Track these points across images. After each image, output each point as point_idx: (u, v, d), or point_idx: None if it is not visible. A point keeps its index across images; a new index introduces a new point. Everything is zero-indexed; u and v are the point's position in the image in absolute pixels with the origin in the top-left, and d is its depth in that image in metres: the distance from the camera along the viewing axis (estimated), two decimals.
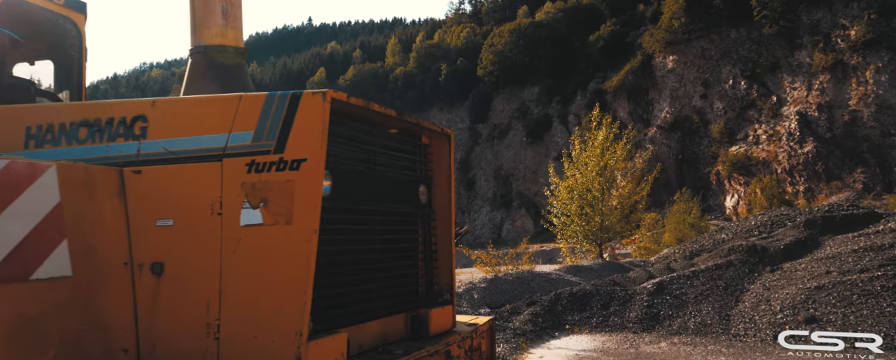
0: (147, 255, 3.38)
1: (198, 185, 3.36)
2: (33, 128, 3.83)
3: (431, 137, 4.69)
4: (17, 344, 2.87)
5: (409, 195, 4.40)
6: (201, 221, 3.31)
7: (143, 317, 3.33)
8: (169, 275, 3.34)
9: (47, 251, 3.05)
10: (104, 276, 3.28)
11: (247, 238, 3.22)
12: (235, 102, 3.41)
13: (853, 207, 21.45)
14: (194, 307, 3.25)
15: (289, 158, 3.20)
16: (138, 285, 3.35)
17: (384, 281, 4.06)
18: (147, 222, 3.42)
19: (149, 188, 3.46)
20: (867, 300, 11.53)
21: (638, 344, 11.96)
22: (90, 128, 3.70)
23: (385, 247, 4.10)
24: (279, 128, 3.25)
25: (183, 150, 3.43)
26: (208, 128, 3.42)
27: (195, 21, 4.44)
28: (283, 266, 3.15)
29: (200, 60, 4.39)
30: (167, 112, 3.60)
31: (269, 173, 3.22)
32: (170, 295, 3.33)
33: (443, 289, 4.67)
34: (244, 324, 3.16)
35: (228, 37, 4.40)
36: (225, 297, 3.21)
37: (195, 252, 3.31)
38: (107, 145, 3.63)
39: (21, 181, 3.01)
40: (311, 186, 3.17)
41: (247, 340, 3.14)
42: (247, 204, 3.23)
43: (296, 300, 3.07)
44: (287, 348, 3.04)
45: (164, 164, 3.46)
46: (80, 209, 3.24)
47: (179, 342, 3.26)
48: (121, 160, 3.55)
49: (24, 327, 2.90)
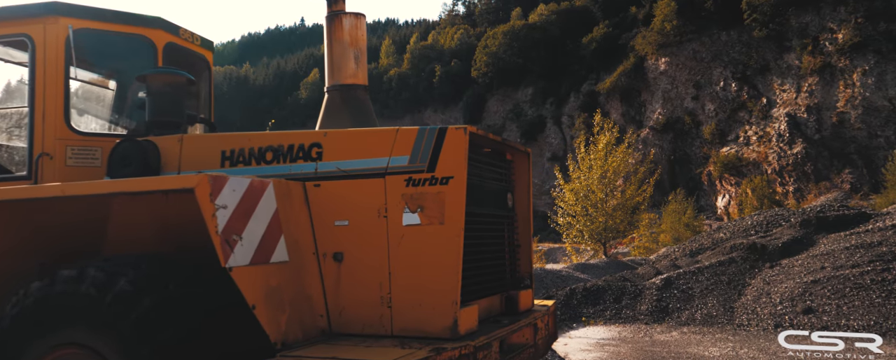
0: (329, 247, 4.55)
1: (367, 195, 4.51)
2: (227, 151, 4.98)
3: (514, 154, 5.85)
4: (271, 303, 4.04)
5: (500, 201, 5.55)
6: (371, 222, 4.47)
7: (330, 291, 4.49)
8: (347, 261, 4.50)
9: (274, 243, 4.21)
10: (303, 262, 4.44)
11: (408, 235, 4.37)
12: (393, 133, 4.56)
13: (842, 207, 22.74)
14: (370, 285, 4.41)
15: (439, 176, 4.36)
16: (324, 269, 4.52)
17: (488, 268, 5.22)
18: (327, 222, 4.57)
19: (327, 197, 4.61)
20: (858, 293, 12.75)
21: (651, 334, 13.14)
22: (275, 152, 4.85)
23: (488, 241, 5.25)
24: (430, 153, 4.40)
25: (353, 169, 4.59)
26: (372, 153, 4.57)
27: (332, 64, 5.66)
28: (438, 255, 4.29)
29: (337, 96, 5.59)
30: (338, 140, 4.74)
31: (424, 187, 4.38)
32: (349, 276, 4.48)
33: (524, 276, 5.86)
34: (410, 297, 4.32)
35: (359, 77, 5.62)
36: (393, 277, 4.36)
37: (367, 245, 4.46)
38: (289, 165, 4.78)
39: (257, 194, 4.16)
40: (458, 196, 4.33)
41: (413, 308, 4.30)
42: (407, 209, 4.39)
43: (451, 280, 4.23)
44: (446, 313, 4.21)
45: (339, 179, 4.61)
46: (285, 213, 4.39)
47: (360, 309, 4.42)
48: (301, 176, 4.69)
49: (271, 293, 4.07)
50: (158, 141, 5.17)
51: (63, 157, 5.42)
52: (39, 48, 5.52)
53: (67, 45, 5.51)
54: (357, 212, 4.53)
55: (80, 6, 5.69)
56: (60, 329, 4.04)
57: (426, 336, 4.21)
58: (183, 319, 3.89)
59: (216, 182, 3.87)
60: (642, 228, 31.75)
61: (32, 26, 5.57)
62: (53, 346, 4.07)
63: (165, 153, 5.11)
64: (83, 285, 3.96)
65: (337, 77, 5.67)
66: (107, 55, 6.26)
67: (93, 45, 5.84)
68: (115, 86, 6.89)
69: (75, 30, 5.56)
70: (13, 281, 4.68)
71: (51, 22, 5.54)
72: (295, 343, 4.11)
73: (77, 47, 5.55)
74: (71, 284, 4.01)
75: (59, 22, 5.54)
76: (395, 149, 4.51)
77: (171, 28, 6.20)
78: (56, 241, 4.91)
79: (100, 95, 6.74)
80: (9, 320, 4.16)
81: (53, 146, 5.39)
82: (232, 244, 3.86)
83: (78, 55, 5.57)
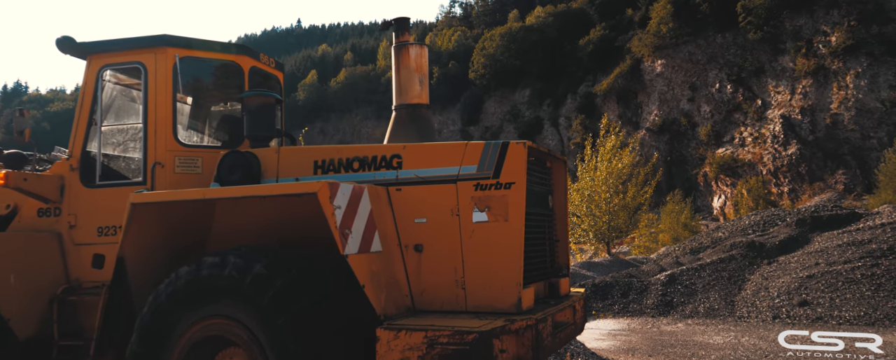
0: (411, 240, 5.52)
1: (441, 197, 5.48)
2: (319, 161, 5.96)
3: (553, 162, 6.83)
4: (375, 283, 5.02)
5: (542, 202, 6.52)
6: (446, 219, 5.44)
7: (412, 276, 5.46)
8: (427, 252, 5.47)
9: (372, 236, 5.19)
10: (390, 252, 5.42)
11: (478, 230, 5.34)
12: (463, 147, 5.53)
13: (836, 207, 23.75)
14: (446, 270, 5.38)
15: (503, 182, 5.33)
16: (407, 258, 5.50)
17: (536, 258, 6.18)
18: (408, 220, 5.55)
19: (407, 199, 5.58)
20: (850, 287, 13.76)
21: (658, 325, 14.13)
22: (361, 162, 5.82)
23: (534, 236, 6.22)
24: (495, 163, 5.37)
25: (429, 176, 5.55)
26: (445, 162, 5.54)
27: (400, 86, 6.69)
28: (504, 246, 5.26)
29: (404, 113, 6.62)
30: (415, 152, 5.71)
31: (490, 191, 5.35)
32: (429, 264, 5.46)
33: (561, 266, 6.84)
34: (480, 279, 5.29)
35: (423, 97, 6.63)
36: (466, 264, 5.33)
37: (443, 238, 5.43)
38: (373, 173, 5.75)
39: (358, 197, 5.13)
40: (519, 198, 5.30)
41: (484, 289, 5.27)
42: (476, 209, 5.36)
43: (515, 265, 5.21)
44: (512, 293, 5.18)
45: (417, 185, 5.58)
46: (376, 212, 5.36)
47: (439, 290, 5.40)
48: (384, 182, 5.66)
49: (374, 276, 5.06)
50: (259, 152, 6.16)
51: (172, 166, 6.40)
52: (151, 74, 6.52)
53: (175, 71, 6.50)
54: (434, 211, 5.49)
55: (184, 38, 6.70)
56: (207, 304, 5.08)
57: (495, 312, 5.17)
58: (309, 294, 4.88)
59: (332, 187, 4.86)
60: (642, 227, 32.65)
61: (145, 55, 6.58)
62: (202, 318, 5.10)
63: (265, 163, 6.10)
64: (226, 269, 4.96)
65: (404, 97, 6.76)
66: (205, 78, 7.27)
67: (194, 70, 6.84)
68: (211, 104, 7.92)
69: (180, 58, 6.55)
70: (149, 270, 5.68)
71: (161, 52, 6.56)
72: (392, 317, 5.08)
73: (181, 72, 6.54)
74: (216, 268, 5.01)
75: (167, 52, 6.55)
76: (465, 159, 5.47)
77: (254, 54, 7.20)
78: (178, 238, 5.91)
79: (196, 112, 7.74)
80: (164, 297, 5.18)
81: (164, 157, 6.38)
82: (346, 237, 4.85)
83: (182, 78, 6.56)
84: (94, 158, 6.66)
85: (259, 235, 5.82)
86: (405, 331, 4.70)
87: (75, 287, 6.50)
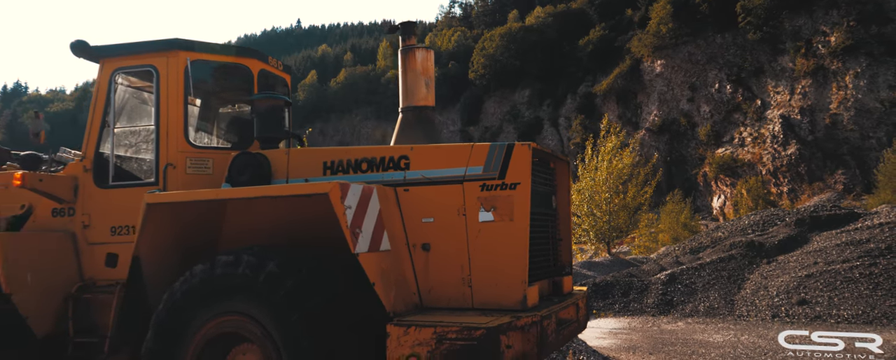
0: (418, 239, 5.66)
1: (448, 197, 5.61)
2: (328, 162, 6.10)
3: (556, 162, 6.96)
4: (384, 281, 5.15)
5: (546, 202, 6.66)
6: (452, 219, 5.58)
7: (420, 274, 5.60)
8: (434, 251, 5.61)
9: (381, 236, 5.33)
10: (398, 251, 5.56)
11: (484, 229, 5.48)
12: (469, 148, 5.67)
13: (835, 207, 23.89)
14: (453, 269, 5.52)
15: (508, 182, 5.47)
16: (414, 257, 5.63)
17: (540, 257, 6.32)
18: (416, 220, 5.69)
19: (415, 200, 5.72)
20: (848, 286, 13.90)
21: (658, 324, 14.27)
22: (369, 162, 5.97)
23: (538, 235, 6.36)
24: (501, 164, 5.51)
25: (436, 177, 5.69)
26: (451, 163, 5.68)
27: (406, 89, 6.84)
28: (509, 245, 5.40)
29: (411, 115, 6.77)
30: (422, 154, 5.85)
31: (496, 191, 5.49)
32: (436, 263, 5.60)
33: (564, 265, 6.99)
34: (487, 277, 5.43)
35: (429, 100, 6.78)
36: (473, 263, 5.47)
37: (450, 237, 5.57)
38: (381, 174, 5.89)
39: (367, 197, 5.27)
40: (524, 198, 5.44)
41: (490, 286, 5.41)
42: (482, 209, 5.50)
43: (520, 264, 5.35)
44: (517, 290, 5.32)
45: (424, 185, 5.72)
46: (385, 212, 5.50)
47: (446, 288, 5.54)
48: (391, 183, 5.80)
49: (384, 274, 5.20)
50: (269, 154, 6.30)
51: (183, 166, 6.54)
52: (163, 77, 6.66)
53: (186, 74, 6.64)
54: (440, 211, 5.63)
55: (195, 42, 6.83)
56: (222, 302, 5.22)
57: (501, 308, 5.32)
58: (321, 292, 5.02)
59: (343, 188, 5.01)
60: (642, 227, 32.79)
61: (157, 59, 6.72)
62: (216, 315, 5.24)
63: (275, 164, 6.24)
64: (240, 268, 5.11)
65: (411, 100, 6.91)
66: (215, 80, 7.42)
67: (204, 73, 6.98)
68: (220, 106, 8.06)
69: (191, 61, 6.69)
70: (163, 269, 5.83)
71: (172, 55, 6.69)
72: (401, 314, 5.22)
73: (192, 75, 6.68)
74: (230, 267, 5.16)
75: (178, 55, 6.69)
76: (470, 161, 5.61)
77: (262, 57, 7.34)
78: (190, 238, 6.06)
79: (205, 114, 7.89)
80: (180, 294, 5.33)
81: (176, 158, 6.52)
82: (356, 236, 4.99)
83: (192, 81, 6.70)
84: (107, 160, 6.79)
85: (270, 234, 5.97)
86: (415, 327, 4.85)
87: (89, 286, 6.64)
